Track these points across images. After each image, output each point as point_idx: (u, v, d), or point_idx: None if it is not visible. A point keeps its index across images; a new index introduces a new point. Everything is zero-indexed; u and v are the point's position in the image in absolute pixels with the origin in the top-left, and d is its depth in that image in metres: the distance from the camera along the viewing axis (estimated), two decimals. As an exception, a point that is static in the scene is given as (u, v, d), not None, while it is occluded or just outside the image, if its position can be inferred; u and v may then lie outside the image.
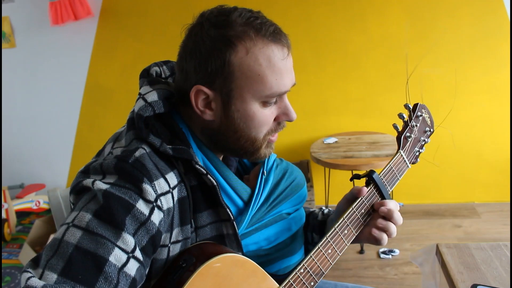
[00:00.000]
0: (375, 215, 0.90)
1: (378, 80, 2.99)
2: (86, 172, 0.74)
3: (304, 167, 3.08)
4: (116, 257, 0.63)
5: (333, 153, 2.65)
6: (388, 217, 0.88)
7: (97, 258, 0.62)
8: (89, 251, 0.62)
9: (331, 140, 2.88)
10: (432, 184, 3.10)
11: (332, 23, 2.96)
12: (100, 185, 0.68)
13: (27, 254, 2.67)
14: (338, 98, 3.08)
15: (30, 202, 3.39)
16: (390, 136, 2.82)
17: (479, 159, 3.01)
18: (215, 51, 0.75)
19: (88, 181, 0.70)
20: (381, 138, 2.84)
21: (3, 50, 3.36)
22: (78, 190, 0.72)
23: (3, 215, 3.17)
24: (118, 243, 0.64)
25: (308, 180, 2.97)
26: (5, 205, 3.18)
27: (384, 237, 0.88)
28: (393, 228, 0.88)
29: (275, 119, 0.83)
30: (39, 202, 3.37)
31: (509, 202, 2.96)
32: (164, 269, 0.76)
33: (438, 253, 1.14)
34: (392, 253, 2.54)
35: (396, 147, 1.00)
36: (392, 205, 0.89)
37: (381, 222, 0.88)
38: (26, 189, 3.45)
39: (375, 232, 0.87)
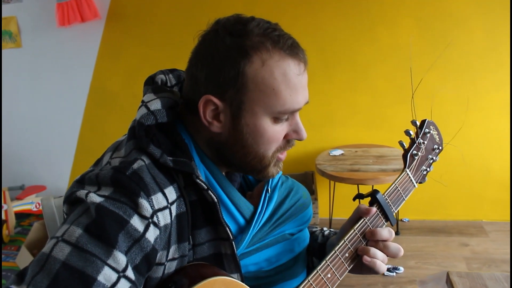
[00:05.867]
0: (371, 242, 0.86)
1: (387, 92, 2.95)
2: (81, 182, 0.70)
3: (309, 178, 3.03)
4: (106, 276, 0.59)
5: (339, 165, 2.60)
6: (380, 248, 0.84)
7: (85, 277, 0.58)
8: (76, 269, 0.58)
9: (337, 152, 2.83)
10: (439, 200, 3.04)
11: (341, 33, 2.93)
12: (94, 197, 0.64)
13: (24, 257, 2.64)
14: (346, 110, 3.04)
15: (30, 203, 3.37)
16: (397, 150, 2.76)
17: (488, 176, 2.95)
18: (229, 61, 0.72)
19: (81, 193, 0.66)
20: (388, 152, 2.78)
21: (9, 50, 3.36)
22: (71, 201, 0.69)
23: (2, 216, 3.14)
24: (108, 262, 0.60)
25: (313, 192, 2.92)
26: (4, 206, 3.15)
27: (377, 263, 0.83)
28: (379, 254, 0.83)
29: (284, 137, 0.79)
30: (39, 204, 3.34)
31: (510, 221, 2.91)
32: None
33: (449, 281, 1.07)
34: (397, 271, 2.48)
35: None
36: (383, 234, 0.85)
37: (371, 249, 0.84)
38: (26, 191, 3.43)
39: (366, 259, 0.83)
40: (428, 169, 0.98)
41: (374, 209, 0.86)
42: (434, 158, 0.99)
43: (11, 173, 3.59)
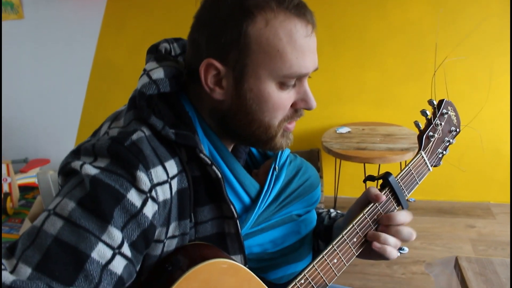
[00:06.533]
0: (382, 226, 0.82)
1: (396, 69, 2.87)
2: (77, 152, 0.67)
3: (315, 156, 2.99)
4: (100, 253, 0.57)
5: (346, 143, 2.55)
6: (392, 233, 0.80)
7: (78, 253, 0.56)
8: (69, 245, 0.56)
9: (344, 129, 2.78)
10: (446, 180, 2.99)
11: (349, 8, 2.83)
12: (89, 169, 0.61)
13: (27, 230, 2.65)
14: (353, 87, 2.97)
15: (34, 177, 3.37)
16: (406, 129, 2.70)
17: (497, 157, 2.88)
18: (231, 21, 0.67)
19: (76, 164, 0.63)
20: (397, 130, 2.72)
21: (10, 22, 3.29)
22: (65, 172, 0.66)
23: (6, 189, 3.15)
24: (103, 238, 0.57)
25: (318, 170, 2.88)
26: (8, 179, 3.15)
27: (388, 249, 0.79)
28: (391, 240, 0.80)
29: (292, 105, 0.73)
30: (43, 178, 3.33)
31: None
32: (149, 271, 0.69)
33: (457, 266, 1.03)
34: (401, 251, 2.44)
35: (414, 141, 0.90)
36: (400, 218, 0.80)
37: (382, 235, 0.80)
38: (30, 164, 3.42)
39: (376, 245, 0.79)
40: (444, 152, 0.94)
41: (383, 197, 0.82)
42: (451, 140, 0.94)
43: (15, 146, 3.58)
